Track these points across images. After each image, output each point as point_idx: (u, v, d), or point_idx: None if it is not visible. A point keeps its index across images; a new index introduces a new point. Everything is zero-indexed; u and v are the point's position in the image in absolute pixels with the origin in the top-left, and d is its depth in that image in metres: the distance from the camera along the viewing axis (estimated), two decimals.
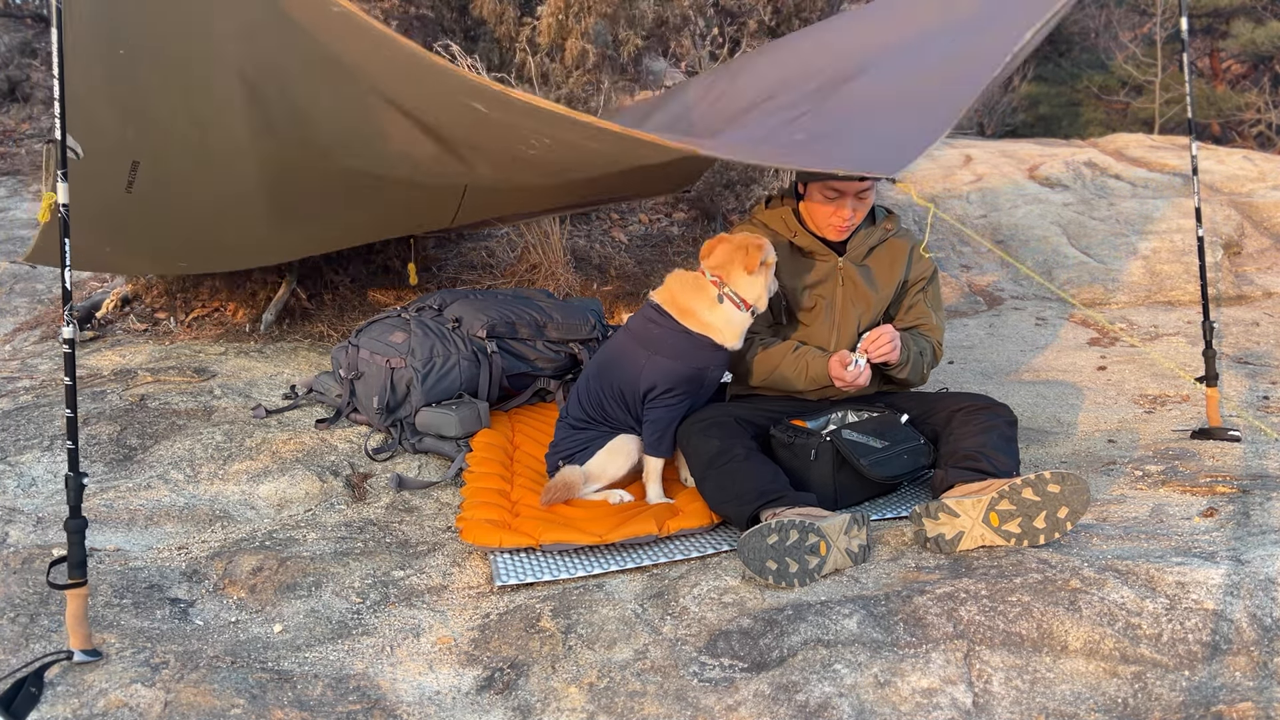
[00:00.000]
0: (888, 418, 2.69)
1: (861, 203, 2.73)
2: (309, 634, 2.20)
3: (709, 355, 2.69)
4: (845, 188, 2.68)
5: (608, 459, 2.76)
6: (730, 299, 2.66)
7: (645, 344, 2.71)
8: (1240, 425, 3.12)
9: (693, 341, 2.67)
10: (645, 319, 2.76)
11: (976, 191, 6.94)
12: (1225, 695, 1.70)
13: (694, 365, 2.68)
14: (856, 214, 2.74)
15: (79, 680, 1.92)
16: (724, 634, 2.01)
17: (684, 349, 2.67)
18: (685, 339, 2.68)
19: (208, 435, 3.33)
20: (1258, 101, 12.06)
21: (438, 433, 3.27)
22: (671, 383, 2.67)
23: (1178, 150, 7.73)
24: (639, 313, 2.82)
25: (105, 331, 4.57)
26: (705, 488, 2.55)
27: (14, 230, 5.99)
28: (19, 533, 2.65)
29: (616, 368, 2.76)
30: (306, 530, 2.72)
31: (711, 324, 2.67)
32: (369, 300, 4.92)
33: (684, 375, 2.68)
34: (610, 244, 5.71)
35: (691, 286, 2.71)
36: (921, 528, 2.30)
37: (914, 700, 1.77)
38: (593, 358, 2.94)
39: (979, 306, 5.40)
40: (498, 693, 1.96)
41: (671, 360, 2.67)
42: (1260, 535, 2.21)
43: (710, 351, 2.69)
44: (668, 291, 2.74)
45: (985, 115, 11.88)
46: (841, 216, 2.72)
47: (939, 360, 2.91)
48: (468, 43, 5.52)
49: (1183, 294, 5.23)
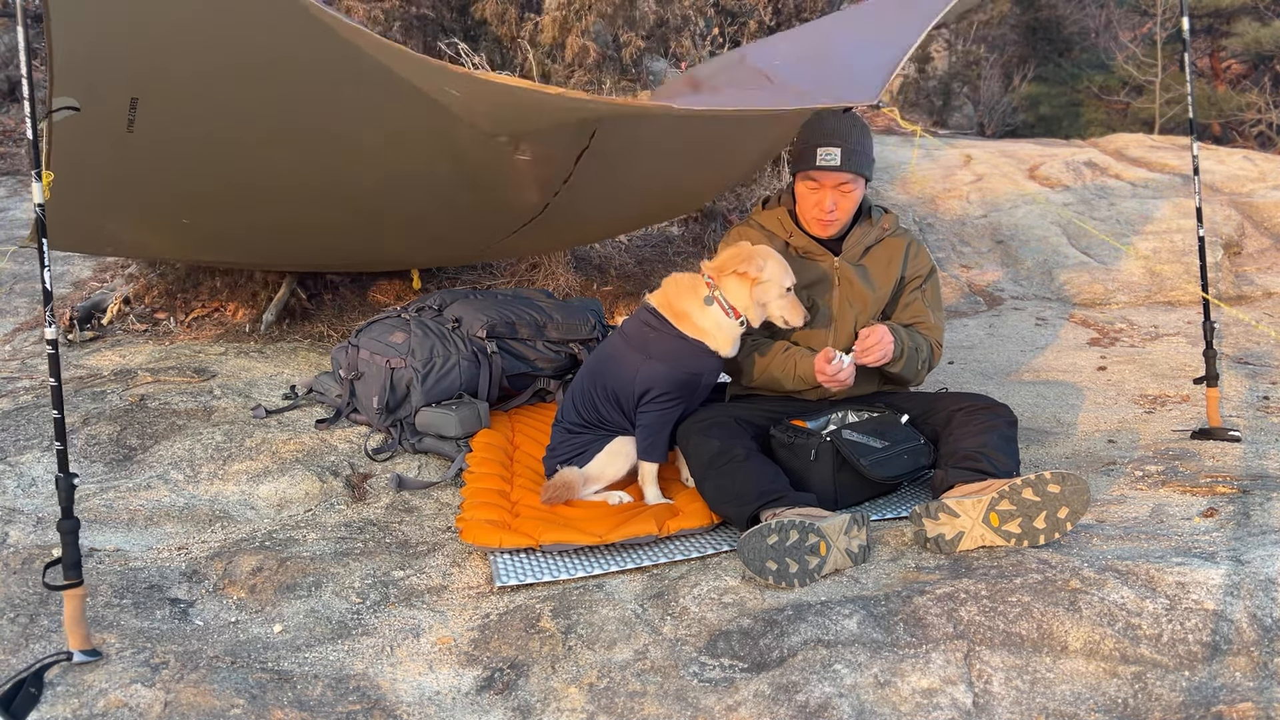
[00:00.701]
0: (888, 418, 2.69)
1: (843, 196, 2.72)
2: (309, 634, 2.20)
3: (703, 361, 2.69)
4: (823, 178, 2.70)
5: (607, 461, 2.76)
6: (719, 302, 2.66)
7: (639, 348, 2.71)
8: (1240, 425, 3.12)
9: (687, 346, 2.67)
10: (640, 322, 2.75)
11: (976, 192, 6.94)
12: (1225, 695, 1.70)
13: (688, 370, 2.68)
14: (838, 206, 2.73)
15: (79, 680, 1.92)
16: (724, 634, 2.01)
17: (678, 354, 2.67)
18: (680, 344, 2.67)
19: (208, 435, 3.33)
20: (1258, 101, 12.06)
21: (438, 433, 3.27)
22: (665, 387, 2.67)
23: (1178, 150, 7.73)
24: (634, 315, 2.81)
25: (105, 331, 4.57)
26: (705, 488, 2.55)
27: (14, 230, 5.99)
28: (19, 533, 2.65)
29: (610, 371, 2.76)
30: (306, 530, 2.72)
31: (704, 329, 2.67)
32: (369, 300, 4.92)
33: (678, 380, 2.67)
34: (610, 244, 5.71)
35: (687, 286, 2.72)
36: (921, 528, 2.30)
37: (914, 700, 1.77)
38: (586, 360, 2.94)
39: (979, 306, 5.40)
40: (498, 693, 1.96)
41: (665, 365, 2.67)
42: (1260, 535, 2.21)
43: (704, 357, 2.69)
44: (664, 295, 2.74)
45: (985, 115, 11.87)
46: (821, 207, 2.73)
47: (937, 360, 2.90)
48: (469, 42, 5.52)
49: (1183, 294, 5.23)
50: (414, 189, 3.25)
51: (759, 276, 2.63)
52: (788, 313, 2.69)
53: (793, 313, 2.69)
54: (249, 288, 4.68)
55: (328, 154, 2.99)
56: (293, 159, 3.02)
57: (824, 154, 2.68)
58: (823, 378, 2.67)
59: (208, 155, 2.93)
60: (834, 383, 2.66)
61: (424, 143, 2.90)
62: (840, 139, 2.68)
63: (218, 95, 2.60)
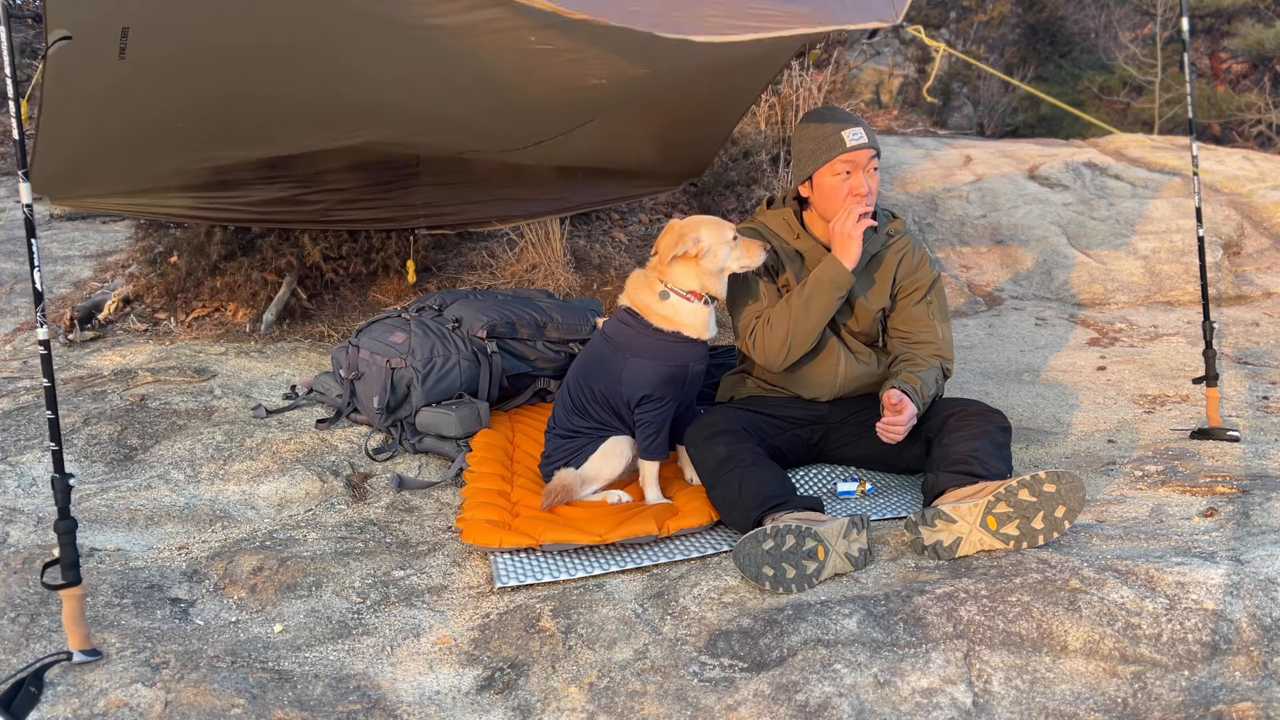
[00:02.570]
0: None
1: (872, 177, 2.68)
2: (309, 634, 2.20)
3: (684, 350, 2.68)
4: (857, 157, 2.63)
5: (602, 461, 2.76)
6: (676, 293, 2.64)
7: (621, 346, 2.71)
8: (1240, 425, 3.12)
9: (664, 338, 2.66)
10: (618, 321, 2.75)
11: (976, 191, 6.94)
12: (1225, 695, 1.70)
13: (672, 363, 2.67)
14: (871, 188, 2.67)
15: (79, 680, 1.92)
16: (724, 634, 2.01)
17: (659, 348, 2.67)
18: (657, 337, 2.67)
19: (208, 435, 3.33)
20: (1258, 102, 12.06)
21: (438, 433, 3.27)
22: (654, 384, 2.66)
23: (1178, 150, 7.72)
24: (613, 316, 2.81)
25: (106, 331, 4.57)
26: (713, 496, 2.55)
27: (14, 230, 5.99)
28: (19, 533, 2.66)
29: (597, 372, 2.76)
30: (307, 530, 2.73)
31: (673, 319, 2.66)
32: (369, 300, 4.92)
33: (665, 374, 2.67)
34: (610, 244, 5.71)
35: (643, 284, 2.70)
36: (918, 536, 2.27)
37: (914, 700, 1.77)
38: (574, 364, 2.93)
39: (979, 307, 5.40)
40: (498, 693, 1.96)
41: (649, 360, 2.66)
42: (1260, 535, 2.21)
43: (684, 346, 2.67)
44: (629, 294, 2.74)
45: (985, 115, 11.87)
46: (861, 189, 2.64)
47: (948, 378, 2.84)
48: None
49: (1183, 294, 5.23)
50: (434, 81, 3.09)
51: (698, 250, 2.59)
52: (745, 258, 2.63)
53: (749, 254, 2.62)
54: (249, 288, 4.68)
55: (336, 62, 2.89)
56: (304, 68, 2.93)
57: (851, 134, 2.63)
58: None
59: (203, 71, 2.85)
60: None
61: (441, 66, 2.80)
62: (855, 121, 2.66)
63: (212, 25, 2.56)
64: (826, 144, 2.65)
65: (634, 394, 2.68)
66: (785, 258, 2.79)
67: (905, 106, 12.61)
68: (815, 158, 2.68)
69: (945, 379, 2.83)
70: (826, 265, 2.64)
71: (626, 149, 4.21)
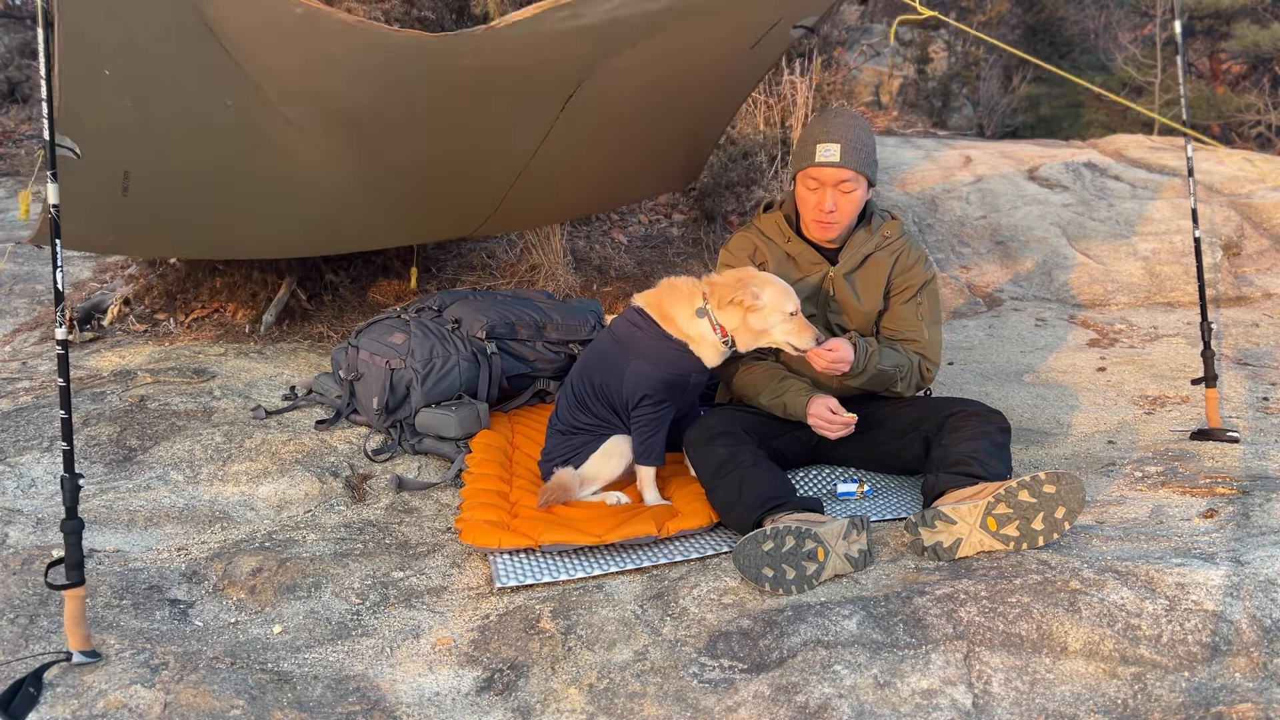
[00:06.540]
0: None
1: (843, 196, 2.68)
2: (308, 635, 2.20)
3: (687, 363, 2.68)
4: (822, 175, 2.66)
5: (602, 461, 2.76)
6: (709, 317, 2.64)
7: (627, 347, 2.71)
8: (1240, 426, 3.12)
9: (672, 348, 2.66)
10: (627, 321, 2.75)
11: (976, 192, 6.94)
12: (1225, 696, 1.70)
13: (673, 371, 2.67)
14: (839, 207, 2.69)
15: (78, 681, 1.92)
16: (724, 635, 2.01)
17: (663, 355, 2.66)
18: (665, 345, 2.66)
19: (207, 436, 3.32)
20: (1257, 103, 12.06)
21: (437, 434, 3.27)
22: (652, 388, 2.66)
23: (1177, 151, 7.72)
24: (621, 315, 2.81)
25: (105, 332, 4.57)
26: (713, 498, 2.55)
27: (14, 231, 5.99)
28: (19, 533, 2.65)
29: (599, 369, 2.76)
30: (306, 531, 2.72)
31: (689, 334, 2.66)
32: (369, 301, 4.92)
33: (665, 381, 2.67)
34: (610, 245, 5.71)
35: (683, 293, 2.69)
36: (918, 537, 2.27)
37: (914, 701, 1.77)
38: (578, 360, 2.94)
39: (979, 307, 5.40)
40: (497, 694, 1.96)
41: (651, 365, 2.66)
42: (1260, 536, 2.21)
43: (688, 359, 2.68)
44: (655, 296, 2.73)
45: (985, 116, 11.87)
46: (821, 207, 2.69)
47: (929, 380, 2.85)
48: None
49: (1183, 295, 5.22)
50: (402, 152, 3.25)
51: (754, 304, 2.58)
52: (794, 338, 2.61)
53: (800, 337, 2.61)
54: (249, 288, 4.68)
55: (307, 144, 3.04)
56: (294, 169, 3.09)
57: (823, 150, 2.64)
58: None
59: (201, 200, 3.06)
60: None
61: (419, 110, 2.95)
62: (839, 136, 2.65)
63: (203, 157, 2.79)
64: (803, 152, 2.71)
65: (633, 394, 2.68)
66: (776, 261, 2.82)
67: (905, 107, 12.61)
68: (794, 163, 2.77)
69: (923, 381, 2.83)
70: (796, 399, 2.67)
71: (625, 156, 4.25)
